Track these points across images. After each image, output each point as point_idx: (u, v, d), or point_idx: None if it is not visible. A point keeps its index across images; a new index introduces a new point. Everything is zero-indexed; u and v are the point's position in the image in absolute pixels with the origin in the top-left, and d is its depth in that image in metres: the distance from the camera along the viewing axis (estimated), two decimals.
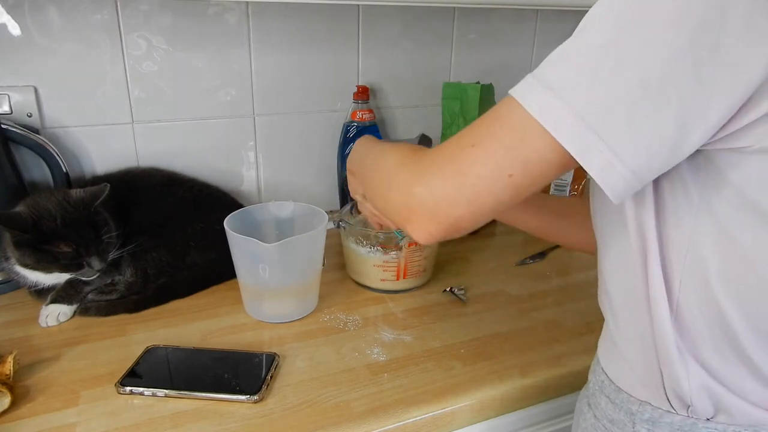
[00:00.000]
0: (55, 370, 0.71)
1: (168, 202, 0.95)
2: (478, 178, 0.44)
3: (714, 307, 0.44)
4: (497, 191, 0.44)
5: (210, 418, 0.63)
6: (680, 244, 0.44)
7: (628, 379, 0.52)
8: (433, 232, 0.47)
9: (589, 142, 0.39)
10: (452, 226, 0.47)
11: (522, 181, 0.43)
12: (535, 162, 0.42)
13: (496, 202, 0.44)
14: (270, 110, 1.12)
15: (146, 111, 1.03)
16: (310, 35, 1.10)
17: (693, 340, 0.46)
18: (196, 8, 1.00)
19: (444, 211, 0.46)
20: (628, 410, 0.51)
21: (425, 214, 0.47)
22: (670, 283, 0.46)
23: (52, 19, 0.92)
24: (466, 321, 0.84)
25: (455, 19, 1.22)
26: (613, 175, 0.39)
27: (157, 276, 0.87)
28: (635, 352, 0.51)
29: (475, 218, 0.46)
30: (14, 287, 0.89)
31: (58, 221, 0.76)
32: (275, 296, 0.82)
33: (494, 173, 0.43)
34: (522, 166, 0.42)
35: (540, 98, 0.41)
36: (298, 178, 1.19)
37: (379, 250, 0.88)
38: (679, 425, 0.48)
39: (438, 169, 0.46)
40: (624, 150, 0.39)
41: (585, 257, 1.07)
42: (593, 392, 0.56)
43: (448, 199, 0.45)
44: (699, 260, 0.44)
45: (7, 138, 0.88)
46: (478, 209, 0.45)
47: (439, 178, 0.46)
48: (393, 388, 0.69)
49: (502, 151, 0.43)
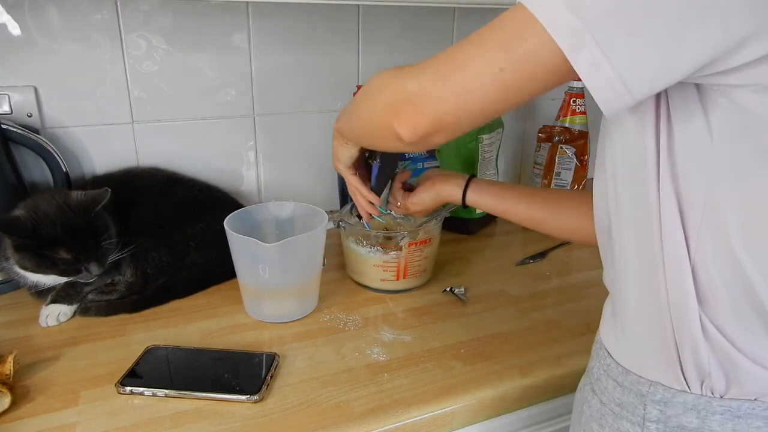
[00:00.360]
0: (55, 370, 0.71)
1: (168, 202, 0.95)
2: (468, 71, 0.44)
3: (733, 267, 0.43)
4: (486, 85, 0.44)
5: (210, 418, 0.63)
6: (696, 200, 0.43)
7: (638, 360, 0.50)
8: (418, 126, 0.48)
9: (581, 39, 0.38)
10: (438, 121, 0.47)
11: (511, 79, 0.43)
12: (527, 59, 0.42)
13: (484, 99, 0.44)
14: (270, 110, 1.12)
15: (146, 111, 1.03)
16: (310, 35, 1.10)
17: (710, 303, 0.44)
18: (196, 8, 1.00)
19: (432, 104, 0.47)
20: (638, 392, 0.49)
21: (413, 107, 0.48)
22: (688, 240, 0.44)
23: (52, 19, 0.92)
24: (466, 321, 0.84)
25: (455, 19, 1.22)
26: (602, 79, 0.39)
27: (157, 276, 0.87)
28: (647, 328, 0.49)
29: (460, 116, 0.46)
30: (14, 287, 0.89)
31: (58, 227, 0.76)
32: (275, 296, 0.82)
33: (485, 67, 0.43)
34: (514, 61, 0.42)
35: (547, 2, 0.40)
36: (298, 178, 1.19)
37: (379, 250, 0.89)
38: (692, 404, 0.46)
39: (431, 65, 0.47)
40: (614, 51, 0.38)
41: (585, 257, 1.08)
42: (598, 377, 0.55)
43: (437, 91, 0.46)
44: (717, 217, 0.42)
45: (7, 138, 0.88)
46: (465, 105, 0.45)
47: (431, 72, 0.47)
48: (393, 388, 0.69)
49: (497, 46, 0.43)
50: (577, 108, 1.21)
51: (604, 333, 0.56)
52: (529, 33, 0.41)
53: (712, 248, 0.43)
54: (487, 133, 1.11)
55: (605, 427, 0.53)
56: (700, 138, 0.42)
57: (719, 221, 0.43)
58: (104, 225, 0.80)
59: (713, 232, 0.43)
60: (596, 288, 0.95)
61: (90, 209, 0.79)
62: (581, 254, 1.09)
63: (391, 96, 0.51)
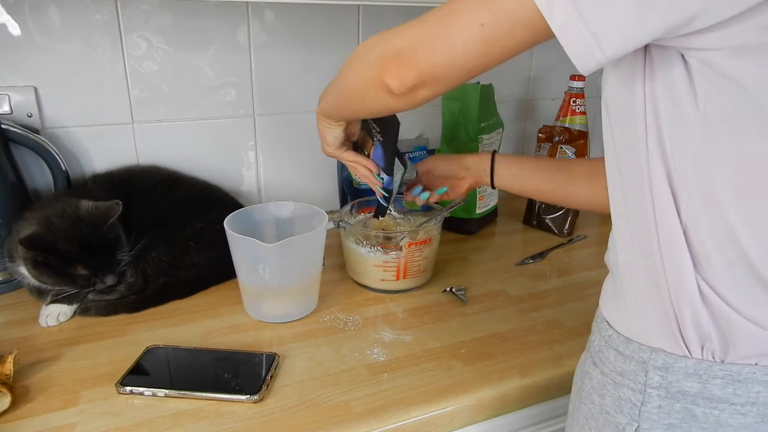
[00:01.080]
0: (55, 370, 0.71)
1: (168, 202, 0.95)
2: (452, 25, 0.46)
3: (724, 228, 0.43)
4: (468, 40, 0.46)
5: (210, 418, 0.63)
6: (684, 163, 0.44)
7: (639, 328, 0.51)
8: (407, 76, 0.50)
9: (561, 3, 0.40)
10: (426, 72, 0.49)
11: (492, 34, 0.45)
12: (506, 15, 0.44)
13: (467, 52, 0.47)
14: (270, 110, 1.12)
15: (146, 111, 1.03)
16: (310, 35, 1.10)
17: (704, 265, 0.45)
18: (196, 8, 1.00)
19: (419, 56, 0.49)
20: (640, 359, 0.50)
21: (402, 60, 0.50)
22: (678, 204, 0.45)
23: (52, 19, 0.92)
24: (466, 321, 0.84)
25: None
26: (575, 34, 0.40)
27: (157, 276, 0.87)
28: (647, 294, 0.49)
29: (446, 69, 0.49)
30: (14, 287, 0.89)
31: (76, 245, 0.77)
32: (275, 296, 0.82)
33: (467, 21, 0.45)
34: (494, 17, 0.44)
35: None
36: (298, 178, 1.19)
37: (379, 250, 0.89)
38: (693, 369, 0.47)
39: (418, 20, 0.50)
40: (587, 7, 0.39)
41: (585, 257, 1.08)
42: (599, 349, 0.55)
43: (423, 44, 0.49)
44: (705, 177, 0.43)
45: (7, 138, 0.88)
46: (450, 59, 0.48)
47: (417, 27, 0.49)
48: (393, 388, 0.69)
49: (478, 3, 0.45)
50: (577, 108, 1.21)
51: (605, 306, 0.57)
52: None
53: (702, 210, 0.44)
54: (487, 133, 1.11)
55: (606, 396, 0.53)
56: (685, 101, 0.42)
57: (708, 183, 0.43)
58: (117, 237, 0.82)
59: (702, 193, 0.44)
60: (596, 288, 0.95)
61: (103, 223, 0.80)
62: (581, 254, 1.09)
63: (380, 52, 0.53)
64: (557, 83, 1.39)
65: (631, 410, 0.50)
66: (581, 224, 1.21)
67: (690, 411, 0.47)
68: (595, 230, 1.21)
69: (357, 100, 0.62)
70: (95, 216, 0.80)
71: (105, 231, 0.80)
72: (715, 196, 0.43)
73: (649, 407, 0.49)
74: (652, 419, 0.49)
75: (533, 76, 1.37)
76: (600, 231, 1.21)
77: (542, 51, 1.34)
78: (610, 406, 0.52)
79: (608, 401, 0.53)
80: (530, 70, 1.35)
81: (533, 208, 1.20)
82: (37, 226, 0.77)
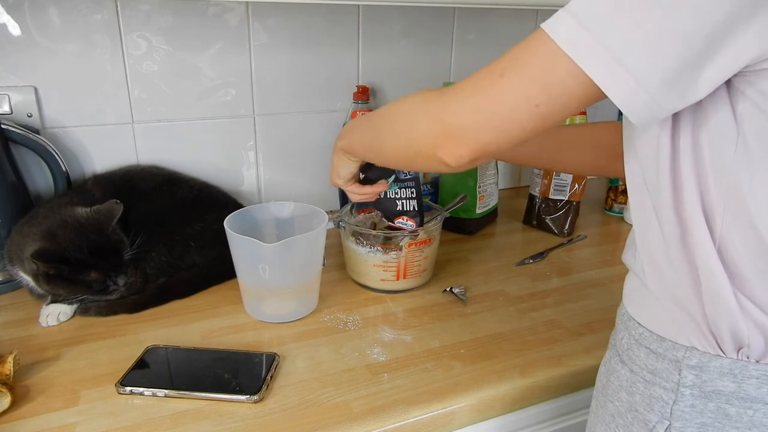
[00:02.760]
0: (55, 370, 0.71)
1: (168, 202, 0.95)
2: (505, 107, 0.47)
3: (756, 239, 0.44)
4: (523, 120, 0.46)
5: (210, 418, 0.63)
6: (721, 180, 0.44)
7: (671, 328, 0.50)
8: (464, 155, 0.51)
9: (614, 72, 0.40)
10: (481, 150, 0.50)
11: (547, 111, 0.45)
12: (560, 92, 0.44)
13: (522, 130, 0.47)
14: (270, 110, 1.12)
15: (146, 111, 1.03)
16: (310, 35, 1.10)
17: (740, 276, 0.45)
18: (196, 8, 1.00)
19: (473, 137, 0.50)
20: (673, 357, 0.49)
21: (456, 140, 0.51)
22: (711, 222, 0.45)
23: (52, 19, 0.92)
24: (466, 321, 0.84)
25: (455, 19, 1.22)
26: (638, 103, 0.41)
27: (157, 276, 0.87)
28: (679, 306, 0.49)
29: (501, 144, 0.49)
30: (14, 287, 0.89)
31: (86, 251, 0.77)
32: (275, 296, 0.82)
33: (521, 103, 0.46)
34: (548, 96, 0.45)
35: (567, 28, 0.42)
36: (298, 178, 1.19)
37: (379, 250, 0.88)
38: (728, 368, 0.46)
39: (467, 98, 0.49)
40: (648, 78, 0.40)
41: (585, 257, 1.08)
42: (628, 347, 0.55)
43: (477, 125, 0.49)
44: (739, 192, 0.43)
45: (7, 138, 0.88)
46: (505, 135, 0.48)
47: (469, 105, 0.49)
48: (393, 388, 0.69)
49: (530, 82, 0.45)
50: None
51: (631, 305, 0.56)
52: (558, 66, 0.43)
53: (735, 229, 0.44)
54: None
55: (635, 394, 0.53)
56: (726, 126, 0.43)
57: (741, 200, 0.43)
58: (120, 239, 0.82)
59: (735, 212, 0.44)
60: (596, 288, 0.95)
61: (107, 225, 0.80)
62: (581, 254, 1.09)
63: (429, 127, 0.53)
64: None
65: (663, 408, 0.50)
66: (581, 224, 1.21)
67: (724, 410, 0.47)
68: (595, 230, 1.21)
69: (401, 159, 0.63)
70: (98, 220, 0.80)
71: (110, 233, 0.80)
72: (749, 214, 0.43)
73: (681, 406, 0.49)
74: (685, 418, 0.48)
75: None
76: (600, 231, 1.21)
77: None
78: (639, 404, 0.52)
79: (638, 399, 0.52)
80: None
81: (533, 208, 1.20)
82: (43, 241, 0.77)
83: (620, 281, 0.59)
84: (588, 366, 0.75)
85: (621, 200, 1.27)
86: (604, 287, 0.95)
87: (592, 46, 0.41)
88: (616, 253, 1.10)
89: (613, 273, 1.00)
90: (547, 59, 0.44)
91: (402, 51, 1.19)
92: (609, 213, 1.30)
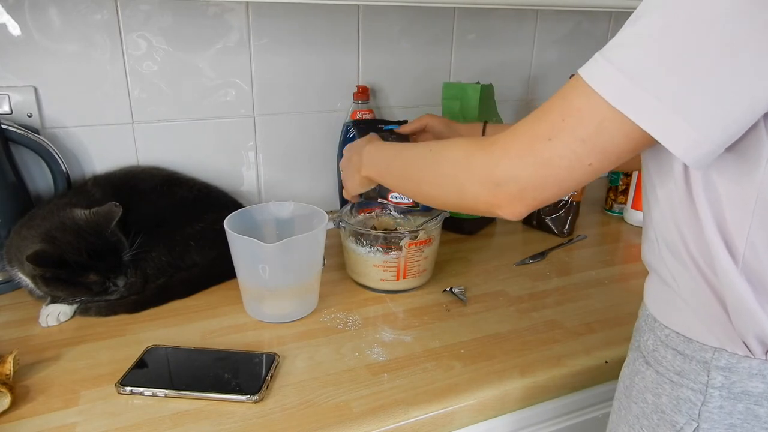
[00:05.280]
0: (55, 370, 0.71)
1: (168, 202, 0.95)
2: (560, 169, 0.47)
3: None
4: (578, 176, 0.47)
5: (210, 418, 0.63)
6: (747, 197, 0.44)
7: (698, 330, 0.50)
8: (523, 211, 0.53)
9: (675, 126, 0.40)
10: (539, 204, 0.52)
11: (600, 167, 0.46)
12: (613, 150, 0.45)
13: (578, 183, 0.49)
14: (270, 110, 1.12)
15: (146, 111, 1.03)
16: (310, 35, 1.10)
17: (766, 290, 0.45)
18: (196, 8, 1.00)
19: (530, 195, 0.50)
20: (701, 359, 0.49)
21: (513, 200, 0.51)
22: (734, 239, 0.45)
23: (52, 19, 0.92)
24: (466, 321, 0.84)
25: (455, 19, 1.22)
26: (700, 153, 0.41)
27: (157, 276, 0.87)
28: (706, 313, 0.50)
29: (559, 196, 0.51)
30: (14, 287, 0.89)
31: (84, 254, 0.77)
32: (275, 296, 0.82)
33: (575, 165, 0.46)
34: (601, 155, 0.45)
35: (617, 85, 0.42)
36: (298, 178, 1.19)
37: (379, 250, 0.88)
38: (758, 369, 0.47)
39: (518, 160, 0.49)
40: (708, 127, 0.40)
41: (585, 257, 1.08)
42: (654, 348, 0.54)
43: (533, 185, 0.50)
44: (766, 209, 0.44)
45: (7, 138, 0.88)
46: (562, 190, 0.50)
47: (522, 169, 0.49)
48: (393, 388, 0.69)
49: (581, 145, 0.45)
50: None
51: (655, 307, 0.56)
52: (609, 125, 0.43)
53: (762, 238, 0.44)
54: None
55: (662, 396, 0.52)
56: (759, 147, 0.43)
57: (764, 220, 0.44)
58: (119, 240, 0.82)
59: (763, 222, 0.44)
60: (596, 288, 0.95)
61: (106, 227, 0.80)
62: (581, 254, 1.09)
63: (480, 189, 0.54)
64: (557, 83, 1.39)
65: (690, 410, 0.50)
66: (581, 224, 1.21)
67: (753, 411, 0.47)
68: (595, 230, 1.21)
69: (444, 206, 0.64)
70: (97, 222, 0.80)
71: (108, 235, 0.80)
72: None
73: (710, 407, 0.49)
74: (713, 419, 0.48)
75: (533, 75, 1.37)
76: (600, 231, 1.21)
77: (542, 51, 1.34)
78: (666, 406, 0.52)
79: (664, 400, 0.52)
80: (530, 69, 1.35)
81: None
82: (41, 243, 0.77)
83: (620, 281, 0.60)
84: (588, 366, 0.75)
85: (621, 200, 1.27)
86: (604, 287, 0.95)
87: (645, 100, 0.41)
88: (616, 253, 1.10)
89: (613, 273, 1.00)
90: (595, 118, 0.44)
91: (402, 51, 1.19)
92: (609, 213, 1.30)
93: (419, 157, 0.63)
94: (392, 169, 0.71)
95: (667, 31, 0.40)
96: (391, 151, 0.72)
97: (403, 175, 0.68)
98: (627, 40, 0.42)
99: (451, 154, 0.57)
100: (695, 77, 0.39)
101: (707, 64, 0.39)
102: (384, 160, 0.72)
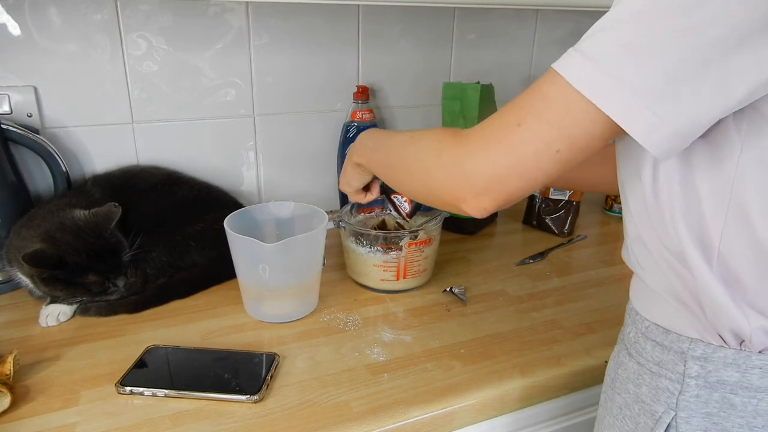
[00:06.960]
0: (55, 370, 0.71)
1: (168, 202, 0.95)
2: (526, 156, 0.46)
3: (759, 249, 0.44)
4: (545, 166, 0.46)
5: (210, 418, 0.63)
6: (721, 195, 0.44)
7: (675, 322, 0.51)
8: (488, 207, 0.51)
9: (634, 109, 0.40)
10: (505, 199, 0.50)
11: (569, 155, 0.45)
12: (580, 136, 0.44)
13: (546, 175, 0.47)
14: (270, 110, 1.12)
15: (146, 111, 1.03)
16: (310, 35, 1.10)
17: (740, 287, 0.46)
18: (196, 8, 1.00)
19: (496, 188, 0.49)
20: (678, 349, 0.50)
21: (479, 193, 0.50)
22: (708, 237, 0.46)
23: (52, 19, 0.92)
24: (466, 321, 0.84)
25: (455, 19, 1.22)
26: (659, 137, 0.41)
27: (157, 276, 0.87)
28: (682, 309, 0.50)
29: (525, 190, 0.49)
30: (14, 287, 0.89)
31: (83, 254, 0.77)
32: (275, 296, 0.82)
33: (541, 151, 0.45)
34: (568, 140, 0.44)
35: (582, 70, 0.42)
36: (298, 178, 1.19)
37: (379, 250, 0.88)
38: (732, 358, 0.47)
39: (485, 150, 0.49)
40: (669, 113, 0.40)
41: (585, 257, 1.08)
42: (635, 340, 0.55)
43: (499, 177, 0.48)
44: (741, 206, 0.44)
45: (7, 138, 0.88)
46: (529, 183, 0.48)
47: (488, 159, 0.48)
48: (393, 388, 0.69)
49: (548, 129, 0.45)
50: None
51: (637, 301, 0.57)
52: (575, 110, 0.43)
53: (736, 236, 0.45)
54: None
55: (642, 386, 0.53)
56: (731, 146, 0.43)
57: (743, 209, 0.44)
58: (119, 241, 0.82)
59: (736, 220, 0.44)
60: (596, 288, 0.95)
61: (105, 228, 0.80)
62: (581, 254, 1.09)
63: (448, 181, 0.52)
64: None
65: (669, 399, 0.51)
66: (581, 224, 1.21)
67: (728, 400, 0.48)
68: (595, 230, 1.21)
69: (421, 199, 0.62)
70: (96, 222, 0.80)
71: (108, 235, 0.80)
72: (750, 225, 0.44)
73: (687, 396, 0.49)
74: (690, 408, 0.49)
75: (533, 75, 1.37)
76: (600, 231, 1.21)
77: (542, 51, 1.34)
78: (646, 395, 0.53)
79: (644, 390, 0.53)
80: (530, 70, 1.35)
81: (533, 208, 1.20)
82: (40, 244, 0.77)
83: (620, 281, 0.60)
84: (588, 366, 0.75)
85: (620, 200, 1.27)
86: (604, 287, 0.95)
87: (609, 85, 0.41)
88: (616, 253, 1.10)
89: (613, 273, 1.00)
90: (562, 103, 0.44)
91: (402, 51, 1.19)
92: (609, 213, 1.30)
93: (400, 145, 0.62)
94: (378, 156, 0.70)
95: (632, 18, 0.40)
96: (380, 138, 0.71)
97: (386, 162, 0.67)
98: (594, 28, 0.43)
99: (424, 143, 0.57)
100: (655, 62, 0.39)
101: (669, 49, 0.39)
102: (373, 146, 0.71)
